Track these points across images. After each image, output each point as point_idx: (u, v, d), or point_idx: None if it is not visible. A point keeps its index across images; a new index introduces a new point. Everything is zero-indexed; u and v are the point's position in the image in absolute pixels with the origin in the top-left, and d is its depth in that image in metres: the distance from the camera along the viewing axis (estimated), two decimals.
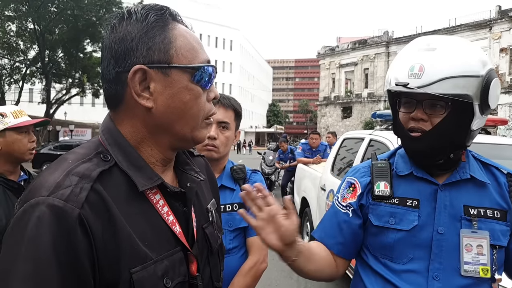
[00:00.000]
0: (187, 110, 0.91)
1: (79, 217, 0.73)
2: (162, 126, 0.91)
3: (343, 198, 1.55)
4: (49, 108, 27.21)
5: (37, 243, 0.70)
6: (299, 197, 7.55)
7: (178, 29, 0.92)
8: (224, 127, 1.94)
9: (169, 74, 0.88)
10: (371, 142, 4.74)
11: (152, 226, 0.87)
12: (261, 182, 2.04)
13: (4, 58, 25.79)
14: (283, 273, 5.79)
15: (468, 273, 1.33)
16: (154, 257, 0.84)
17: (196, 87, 0.91)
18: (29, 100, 35.30)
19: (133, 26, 0.87)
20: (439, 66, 1.29)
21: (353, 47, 49.46)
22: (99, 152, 0.87)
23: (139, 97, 0.87)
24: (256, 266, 1.88)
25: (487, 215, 1.38)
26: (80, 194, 0.75)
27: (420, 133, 1.36)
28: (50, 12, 24.46)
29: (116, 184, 0.84)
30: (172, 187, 0.94)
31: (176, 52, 0.89)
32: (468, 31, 36.34)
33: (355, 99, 48.17)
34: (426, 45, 1.36)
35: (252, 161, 22.97)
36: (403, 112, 1.42)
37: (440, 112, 1.34)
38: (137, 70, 0.85)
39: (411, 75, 1.31)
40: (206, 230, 1.05)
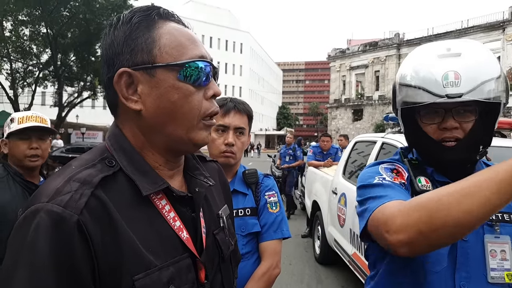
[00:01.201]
0: (177, 110, 0.87)
1: (77, 223, 0.72)
2: (155, 128, 0.88)
3: (393, 177, 1.34)
4: (61, 111, 27.47)
5: (35, 249, 0.69)
6: (310, 200, 7.53)
7: (166, 27, 0.88)
8: (240, 132, 1.93)
9: (154, 75, 0.85)
10: (383, 145, 4.70)
11: (157, 232, 0.85)
12: (274, 186, 2.05)
13: (18, 62, 26.11)
14: (293, 277, 5.78)
15: (495, 279, 1.28)
16: (158, 263, 0.81)
17: (184, 85, 0.87)
18: (41, 103, 35.65)
19: (119, 30, 0.87)
20: (473, 71, 1.24)
21: (363, 49, 49.38)
22: (104, 158, 0.86)
23: (127, 101, 0.86)
24: (269, 272, 1.87)
25: (505, 219, 1.34)
26: (79, 200, 0.74)
27: (454, 142, 1.31)
28: (63, 16, 24.71)
29: (120, 190, 0.83)
30: (178, 192, 0.91)
31: (159, 51, 0.85)
32: (480, 32, 36.07)
33: (366, 102, 48.05)
34: (447, 51, 1.30)
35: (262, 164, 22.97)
36: (429, 123, 1.34)
37: (471, 118, 1.30)
38: (121, 73, 0.84)
39: (447, 84, 1.24)
40: (217, 237, 1.02)
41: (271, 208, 1.97)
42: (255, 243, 1.94)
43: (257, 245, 1.94)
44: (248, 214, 1.93)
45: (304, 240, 7.87)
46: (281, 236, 1.95)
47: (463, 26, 38.40)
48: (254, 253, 1.92)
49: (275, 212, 1.97)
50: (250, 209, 1.94)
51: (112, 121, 0.96)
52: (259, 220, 1.94)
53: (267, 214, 1.95)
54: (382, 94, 46.55)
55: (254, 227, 1.91)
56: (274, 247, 1.93)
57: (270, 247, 1.92)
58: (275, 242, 1.93)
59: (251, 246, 1.92)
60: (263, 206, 1.96)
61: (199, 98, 0.89)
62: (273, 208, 1.97)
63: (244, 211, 1.93)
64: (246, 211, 1.93)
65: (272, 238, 1.93)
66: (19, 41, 24.99)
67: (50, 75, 27.72)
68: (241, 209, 1.93)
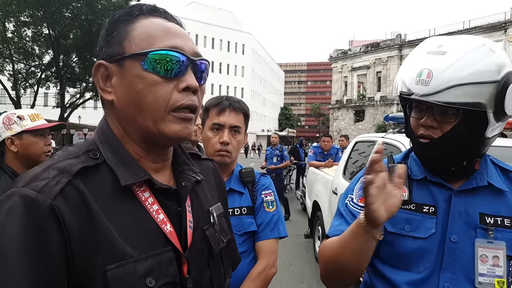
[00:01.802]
0: (142, 100, 0.86)
1: (50, 207, 0.72)
2: (127, 119, 0.90)
3: (360, 198, 1.43)
4: (64, 112, 27.53)
5: (5, 232, 0.69)
6: (310, 201, 7.52)
7: (144, 21, 0.89)
8: (236, 131, 1.92)
9: (122, 66, 0.87)
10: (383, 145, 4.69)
11: (139, 224, 0.85)
12: (270, 185, 2.05)
13: (20, 63, 26.17)
14: (294, 278, 5.77)
15: (483, 285, 1.26)
16: (136, 255, 0.80)
17: (149, 75, 0.85)
18: (44, 104, 35.72)
19: (104, 28, 0.91)
20: (448, 72, 1.21)
21: (365, 50, 49.34)
22: (89, 150, 0.87)
23: (102, 92, 0.89)
24: (265, 271, 1.86)
25: (504, 224, 1.30)
26: (55, 187, 0.74)
27: (429, 140, 1.31)
28: (65, 17, 24.76)
29: (101, 181, 0.83)
30: (160, 184, 0.90)
31: (129, 42, 0.87)
32: (482, 33, 35.98)
33: (367, 103, 47.98)
34: (437, 47, 1.29)
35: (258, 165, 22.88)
36: (413, 118, 1.36)
37: (451, 120, 1.26)
38: (97, 66, 0.88)
39: (418, 81, 1.25)
40: (206, 232, 1.01)
41: (267, 207, 1.96)
42: (251, 242, 1.94)
43: (254, 245, 1.94)
44: (244, 213, 1.93)
45: (305, 240, 7.87)
46: (277, 236, 1.95)
47: (465, 26, 38.37)
48: (250, 252, 1.92)
49: (272, 211, 1.96)
50: (246, 208, 1.94)
51: None
52: (256, 219, 1.94)
53: (264, 213, 1.95)
54: (383, 95, 46.48)
55: (251, 226, 1.91)
56: (271, 247, 1.92)
57: (267, 246, 1.91)
58: (271, 241, 1.93)
59: (247, 245, 1.92)
60: (259, 205, 1.96)
61: (167, 89, 0.87)
62: (270, 207, 1.97)
63: (240, 210, 1.93)
64: (242, 210, 1.93)
65: (268, 238, 1.92)
66: (21, 42, 25.05)
67: (52, 76, 27.78)
68: (237, 208, 1.93)
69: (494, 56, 1.24)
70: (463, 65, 1.21)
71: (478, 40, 1.29)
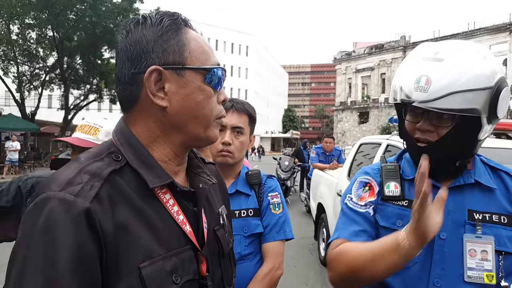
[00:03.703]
0: (200, 110, 0.95)
1: (88, 210, 0.76)
2: (176, 125, 0.94)
3: (360, 197, 1.50)
4: (68, 114, 27.62)
5: (48, 235, 0.73)
6: (315, 203, 7.52)
7: (190, 33, 0.96)
8: (238, 132, 1.93)
9: (183, 75, 0.92)
10: (388, 147, 4.69)
11: (162, 224, 0.90)
12: (277, 187, 2.05)
13: (24, 65, 26.28)
14: (298, 279, 5.79)
15: (472, 279, 1.30)
16: (162, 253, 0.86)
17: (208, 88, 0.95)
18: (48, 106, 35.79)
19: (149, 30, 0.92)
20: (446, 80, 1.24)
21: (369, 52, 49.31)
22: (111, 152, 0.90)
23: (154, 97, 0.91)
24: (271, 273, 1.86)
25: (492, 220, 1.35)
26: (90, 191, 0.78)
27: (426, 144, 1.34)
28: (69, 20, 24.87)
29: (127, 183, 0.87)
30: (181, 186, 0.96)
31: (190, 55, 0.93)
32: (487, 34, 35.95)
33: (372, 104, 47.93)
34: (434, 54, 1.32)
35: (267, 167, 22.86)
36: (409, 121, 1.39)
37: (447, 124, 1.30)
38: (153, 70, 0.89)
39: (417, 88, 1.28)
40: (217, 232, 1.08)
41: (274, 209, 1.97)
42: (257, 244, 1.94)
43: (260, 246, 1.94)
44: (251, 215, 1.93)
45: (309, 242, 7.87)
46: (284, 237, 1.95)
47: (469, 28, 38.30)
48: (256, 254, 1.92)
49: (278, 213, 1.96)
50: (253, 210, 1.94)
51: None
52: (262, 221, 1.94)
53: (270, 215, 1.95)
54: (388, 96, 46.34)
55: (257, 228, 1.91)
56: (277, 248, 1.92)
57: (273, 248, 1.91)
58: (278, 243, 1.93)
59: (254, 247, 1.92)
60: (266, 207, 1.96)
61: (215, 100, 0.99)
62: (276, 209, 1.97)
63: (247, 212, 1.93)
64: (249, 212, 1.93)
65: (275, 239, 1.92)
66: (25, 44, 25.18)
67: (56, 78, 27.90)
68: (244, 210, 1.93)
69: (487, 63, 1.29)
70: (460, 72, 1.25)
71: (472, 47, 1.34)
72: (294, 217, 9.77)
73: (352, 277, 1.30)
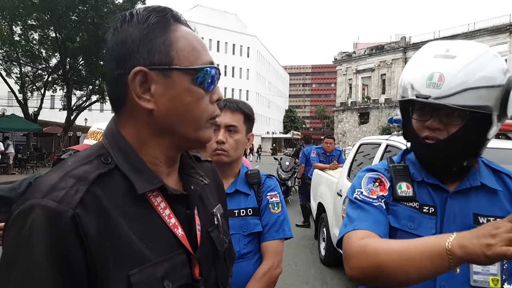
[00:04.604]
0: (189, 112, 0.90)
1: (72, 218, 0.72)
2: (164, 127, 0.90)
3: (371, 191, 1.42)
4: (70, 114, 27.56)
5: (31, 246, 0.70)
6: (315, 202, 7.55)
7: (180, 30, 0.90)
8: (232, 130, 1.94)
9: (170, 76, 0.87)
10: (387, 147, 4.72)
11: (153, 228, 0.86)
12: (276, 187, 2.05)
13: (27, 66, 26.28)
14: (299, 279, 5.81)
15: (477, 283, 1.28)
16: (153, 259, 0.82)
17: (197, 89, 0.90)
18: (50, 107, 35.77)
19: (134, 28, 0.87)
20: (460, 76, 1.23)
21: (370, 52, 49.22)
22: (100, 155, 0.86)
23: (139, 99, 0.86)
24: (270, 271, 1.87)
25: None
26: (74, 196, 0.74)
27: (434, 141, 1.32)
28: (71, 21, 24.79)
29: (116, 187, 0.83)
30: (172, 190, 0.92)
31: (177, 54, 0.88)
32: (487, 35, 35.88)
33: (372, 105, 47.84)
34: (445, 51, 1.31)
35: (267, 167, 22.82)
36: (417, 120, 1.37)
37: (457, 122, 1.29)
38: (137, 72, 0.85)
39: (429, 85, 1.26)
40: (211, 234, 1.03)
41: (273, 208, 1.97)
42: (256, 243, 1.94)
43: (259, 245, 1.94)
44: (250, 214, 1.93)
45: (310, 242, 7.90)
46: (282, 236, 1.95)
47: (469, 29, 38.23)
48: (255, 253, 1.93)
49: (277, 213, 1.97)
50: (252, 209, 1.95)
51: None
52: (261, 220, 1.95)
53: (269, 214, 1.95)
54: (388, 97, 46.37)
55: (256, 227, 1.92)
56: (276, 247, 1.93)
57: (272, 247, 1.92)
58: (276, 242, 1.93)
59: (253, 246, 1.93)
60: (265, 206, 1.97)
61: (207, 101, 0.93)
62: (275, 209, 1.97)
63: (246, 211, 1.94)
64: (248, 211, 1.94)
65: (273, 238, 1.93)
66: (28, 45, 25.14)
67: (59, 79, 27.83)
68: (243, 209, 1.94)
69: (498, 61, 1.29)
70: (474, 69, 1.24)
71: (481, 45, 1.34)
72: (295, 217, 9.77)
73: (376, 276, 1.15)
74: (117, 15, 0.92)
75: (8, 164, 21.11)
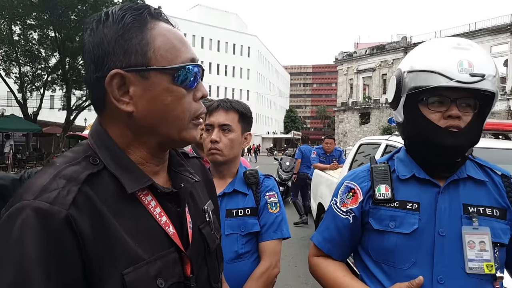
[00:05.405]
0: (170, 112, 0.89)
1: (66, 218, 0.71)
2: (146, 129, 0.89)
3: (343, 203, 1.55)
4: (70, 114, 27.59)
5: (22, 246, 0.68)
6: (315, 202, 7.53)
7: (158, 28, 0.88)
8: (226, 129, 1.96)
9: (148, 77, 0.85)
10: (387, 147, 4.70)
11: (144, 227, 0.86)
12: (274, 187, 2.06)
13: (26, 66, 26.30)
14: (299, 279, 5.79)
15: (473, 270, 1.33)
16: (146, 257, 0.83)
17: (178, 89, 0.89)
18: (50, 107, 35.81)
19: (110, 29, 0.85)
20: (484, 63, 1.32)
21: (370, 52, 49.28)
22: (88, 156, 0.86)
23: (118, 102, 0.86)
24: (268, 271, 1.88)
25: (486, 213, 1.39)
26: (67, 197, 0.74)
27: (457, 129, 1.36)
28: (71, 20, 24.82)
29: (106, 187, 0.83)
30: (162, 188, 0.92)
31: (154, 54, 0.86)
32: (488, 35, 35.90)
33: (373, 105, 47.89)
34: (457, 45, 1.36)
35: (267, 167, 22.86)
36: (436, 110, 1.38)
37: (470, 111, 1.37)
38: (113, 75, 0.84)
39: (461, 70, 1.30)
40: (203, 231, 1.04)
41: (271, 208, 1.98)
42: (254, 243, 1.95)
43: (257, 245, 1.96)
44: (248, 214, 1.94)
45: (310, 242, 7.85)
46: (280, 236, 1.97)
47: (470, 29, 38.23)
48: (253, 253, 1.94)
49: (275, 213, 1.98)
50: (250, 209, 1.95)
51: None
52: (259, 220, 1.96)
53: (267, 214, 1.96)
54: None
55: (254, 227, 1.93)
56: (274, 247, 1.94)
57: (270, 247, 1.93)
58: (274, 242, 1.95)
59: (251, 245, 1.94)
60: (263, 206, 1.98)
61: (189, 100, 0.92)
62: (273, 209, 1.98)
63: (244, 211, 1.95)
64: (246, 211, 1.95)
65: (271, 238, 1.94)
66: (27, 45, 25.19)
67: (58, 79, 27.88)
68: (241, 209, 1.95)
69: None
70: (488, 58, 1.35)
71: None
72: (294, 217, 9.78)
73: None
74: (93, 15, 0.90)
75: (6, 164, 21.10)
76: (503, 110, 32.39)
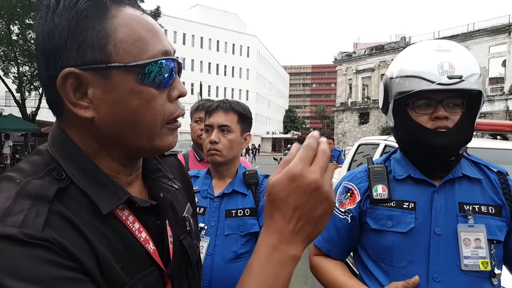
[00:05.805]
0: (138, 118, 0.74)
1: (41, 243, 0.59)
2: (111, 138, 0.75)
3: (341, 203, 1.58)
4: None
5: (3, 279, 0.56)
6: None
7: (121, 16, 0.72)
8: (225, 130, 1.97)
9: (109, 76, 0.71)
10: (386, 147, 4.71)
11: (125, 246, 0.74)
12: None
13: (25, 66, 26.26)
14: (298, 278, 5.79)
15: (468, 267, 1.35)
16: (128, 280, 0.72)
17: (146, 89, 0.73)
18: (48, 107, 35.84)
19: (60, 17, 0.69)
20: (466, 63, 1.35)
21: (370, 52, 49.25)
22: (52, 169, 0.71)
23: (75, 107, 0.71)
24: None
25: (481, 211, 1.41)
26: (37, 218, 0.61)
27: (445, 129, 1.38)
28: None
29: (77, 204, 0.69)
30: (141, 201, 0.79)
31: (115, 48, 0.70)
32: (486, 36, 35.89)
33: (372, 105, 47.86)
34: (438, 47, 1.40)
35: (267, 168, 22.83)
36: (422, 113, 1.41)
37: (457, 111, 1.39)
38: (66, 74, 0.69)
39: (442, 72, 1.33)
40: (183, 242, 0.93)
41: None
42: (254, 243, 1.94)
43: None
44: (247, 214, 1.95)
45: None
46: None
47: (469, 29, 38.21)
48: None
49: None
50: (249, 209, 1.96)
51: None
52: (258, 221, 1.96)
53: None
54: None
55: (253, 227, 1.93)
56: None
57: None
58: None
59: (250, 246, 1.94)
60: (262, 207, 1.96)
61: (162, 101, 0.76)
62: None
63: (243, 211, 1.95)
64: (245, 211, 1.95)
65: None
66: (26, 44, 25.08)
67: None
68: (241, 210, 1.95)
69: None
70: (470, 59, 1.38)
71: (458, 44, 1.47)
72: None
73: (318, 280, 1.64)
74: (42, 0, 0.73)
75: (5, 164, 21.08)
76: (501, 111, 32.36)
